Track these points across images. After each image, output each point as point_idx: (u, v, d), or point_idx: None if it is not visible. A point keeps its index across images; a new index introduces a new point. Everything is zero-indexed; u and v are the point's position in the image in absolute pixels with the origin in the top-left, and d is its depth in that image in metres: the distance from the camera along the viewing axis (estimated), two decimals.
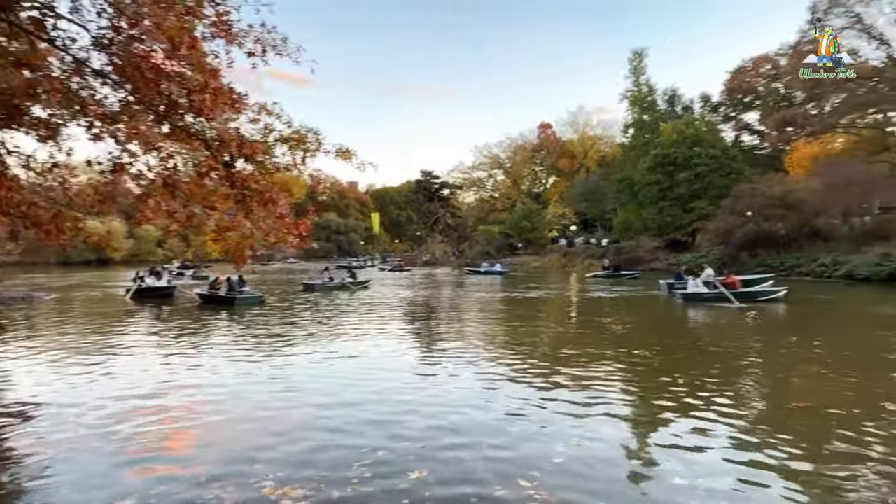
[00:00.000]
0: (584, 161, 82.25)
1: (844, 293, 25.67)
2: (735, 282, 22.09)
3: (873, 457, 6.01)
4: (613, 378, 9.81)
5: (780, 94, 56.66)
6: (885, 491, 5.20)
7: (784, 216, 36.34)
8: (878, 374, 10.13)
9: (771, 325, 16.97)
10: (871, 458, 5.96)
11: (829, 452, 6.18)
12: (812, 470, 5.73)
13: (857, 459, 5.95)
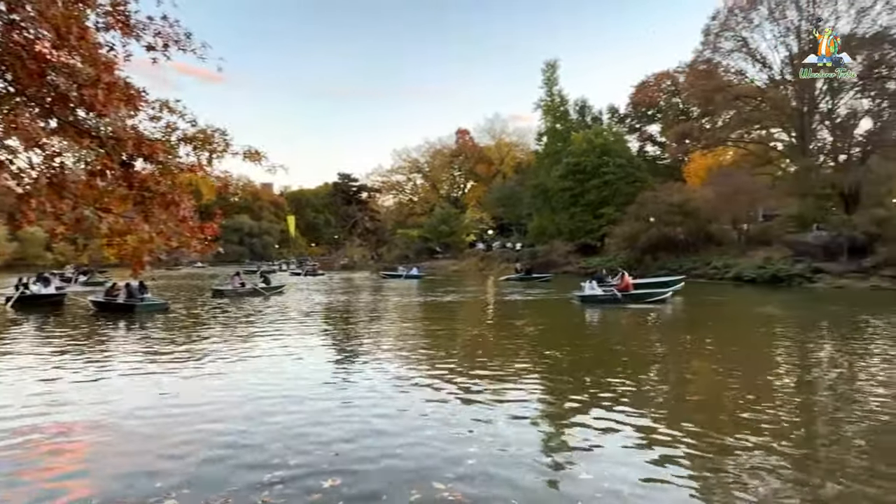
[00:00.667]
0: (500, 167, 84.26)
1: (733, 294, 27.94)
2: (628, 284, 23.57)
3: (759, 445, 6.56)
4: (526, 379, 10.08)
5: (679, 108, 60.99)
6: (771, 478, 5.69)
7: (682, 222, 39.05)
8: (760, 367, 11.10)
9: (669, 325, 18.16)
10: (757, 447, 6.51)
11: (722, 442, 6.68)
12: (708, 459, 6.18)
13: (746, 449, 6.47)
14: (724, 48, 47.22)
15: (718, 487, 5.50)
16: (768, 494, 5.27)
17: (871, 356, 11.94)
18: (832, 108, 43.25)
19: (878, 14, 38.92)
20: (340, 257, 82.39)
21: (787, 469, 5.86)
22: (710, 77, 48.17)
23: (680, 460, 6.16)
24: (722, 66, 48.72)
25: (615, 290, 22.83)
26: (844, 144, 42.74)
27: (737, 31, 45.60)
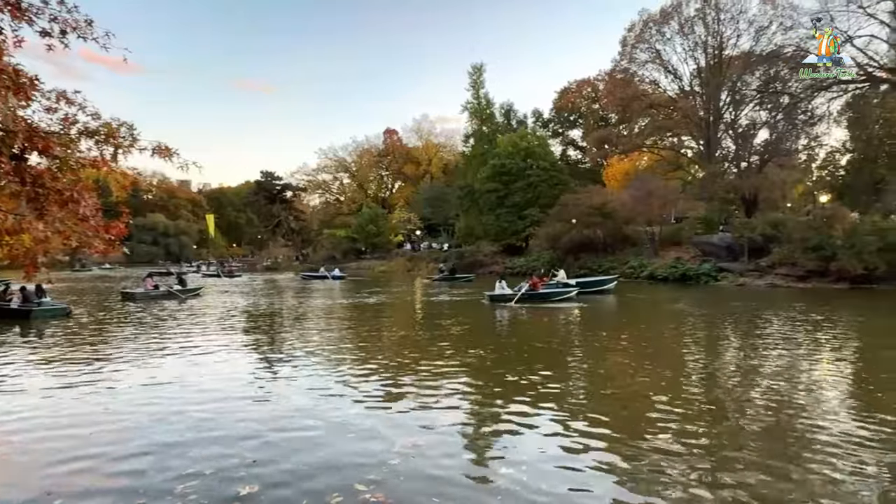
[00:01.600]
0: (428, 168, 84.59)
1: (648, 292, 29.44)
2: (537, 284, 24.40)
3: (668, 436, 6.92)
4: (450, 378, 10.13)
5: (599, 114, 63.77)
6: (681, 466, 6.01)
7: (602, 224, 40.73)
8: (672, 361, 11.74)
9: (589, 322, 18.86)
10: (666, 438, 6.86)
11: (636, 434, 6.98)
12: (623, 450, 6.42)
13: (659, 440, 6.80)
14: (639, 59, 49.84)
15: (634, 478, 5.72)
16: (685, 485, 5.57)
17: (768, 349, 12.93)
18: (735, 119, 46.65)
19: (773, 34, 42.38)
20: (264, 258, 79.75)
21: (697, 456, 6.21)
22: (626, 86, 50.66)
23: (596, 453, 6.38)
24: (638, 76, 51.40)
25: (524, 289, 23.47)
26: (745, 153, 46.20)
27: (651, 44, 48.23)
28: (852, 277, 27.25)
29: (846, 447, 6.41)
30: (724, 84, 44.74)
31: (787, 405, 8.26)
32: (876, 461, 6.04)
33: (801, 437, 6.83)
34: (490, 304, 23.53)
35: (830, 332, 15.27)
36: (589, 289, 26.96)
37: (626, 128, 55.14)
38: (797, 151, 50.10)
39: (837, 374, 10.51)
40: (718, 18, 44.63)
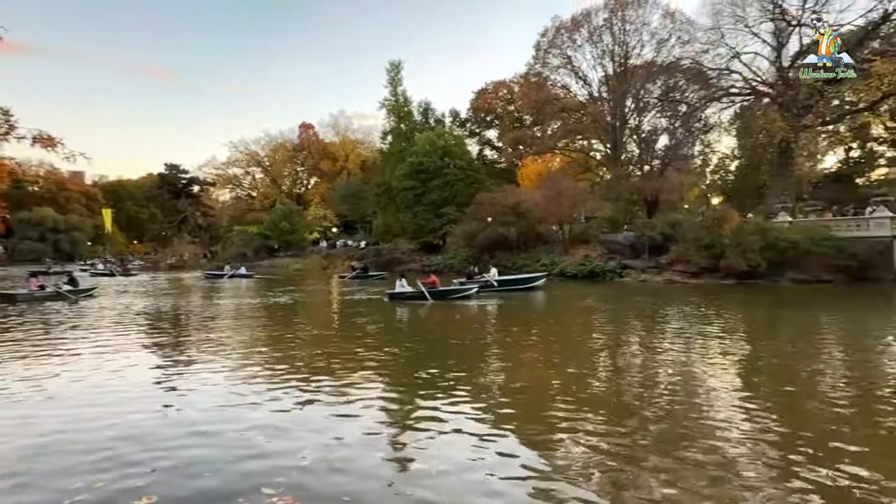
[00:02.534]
0: (345, 164, 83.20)
1: (558, 288, 30.51)
2: (434, 281, 24.60)
3: (577, 431, 7.17)
4: (363, 378, 9.98)
5: (515, 116, 65.33)
6: (588, 460, 6.23)
7: (516, 223, 41.80)
8: (577, 356, 12.21)
9: (499, 318, 19.29)
10: (576, 433, 7.11)
11: (546, 429, 7.19)
12: (534, 444, 6.61)
13: (569, 435, 7.03)
14: (552, 64, 51.62)
15: (547, 471, 5.87)
16: (601, 471, 5.77)
17: (666, 342, 13.78)
18: (638, 125, 49.45)
19: (672, 46, 45.40)
20: (168, 256, 75.21)
21: (605, 443, 6.48)
22: (540, 89, 52.34)
23: (507, 448, 6.51)
24: (550, 80, 53.23)
25: (423, 287, 23.67)
26: (648, 157, 49.14)
27: (563, 50, 50.08)
28: (738, 274, 29.66)
29: (731, 430, 6.94)
30: (628, 91, 47.28)
31: (684, 394, 8.82)
32: (756, 442, 6.56)
33: (699, 427, 7.30)
34: (390, 302, 23.54)
35: (719, 324, 16.51)
36: (520, 286, 27.91)
37: (540, 130, 56.95)
38: (693, 157, 54.04)
39: (724, 363, 11.36)
40: (624, 29, 47.10)
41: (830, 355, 11.98)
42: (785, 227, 31.20)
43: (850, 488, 5.27)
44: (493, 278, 28.37)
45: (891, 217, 29.52)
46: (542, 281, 29.30)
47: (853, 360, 11.35)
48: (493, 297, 25.04)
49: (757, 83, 40.11)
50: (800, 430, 6.93)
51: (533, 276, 29.97)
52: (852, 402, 8.20)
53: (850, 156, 55.11)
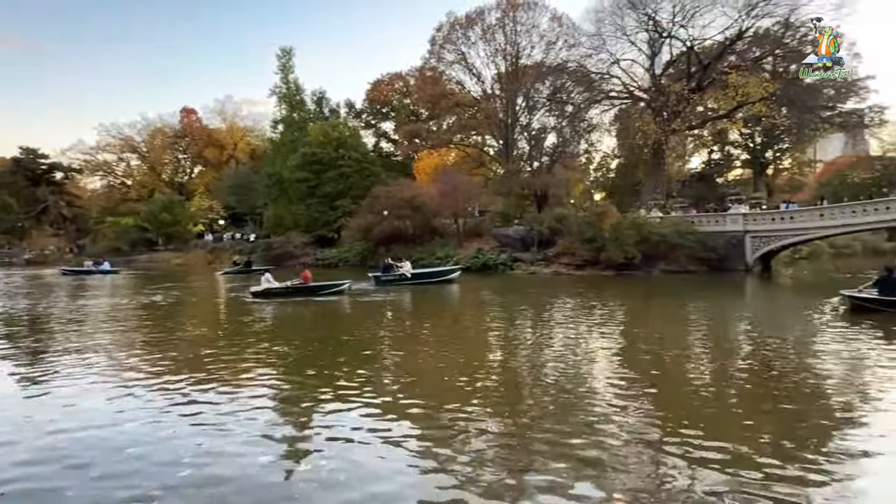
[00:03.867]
0: (233, 153, 78.93)
1: (453, 281, 30.93)
2: (307, 277, 23.84)
3: (467, 419, 7.28)
4: (251, 379, 9.55)
5: (411, 109, 65.37)
6: (493, 446, 6.34)
7: (412, 216, 41.93)
8: (470, 348, 12.49)
9: (394, 312, 19.27)
10: (477, 418, 7.22)
11: (435, 419, 7.25)
12: (428, 439, 6.62)
13: (463, 426, 7.11)
14: (447, 59, 52.23)
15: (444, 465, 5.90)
16: (493, 460, 5.88)
17: (554, 331, 14.49)
18: (529, 123, 51.55)
19: (559, 49, 47.64)
20: (26, 250, 67.25)
21: (496, 430, 6.64)
22: (435, 83, 52.83)
23: (403, 441, 6.54)
24: (446, 75, 53.87)
25: (297, 283, 23.09)
26: (537, 154, 51.39)
27: (457, 46, 50.83)
28: (617, 265, 31.90)
29: (612, 416, 7.41)
30: (520, 90, 49.07)
31: (571, 381, 9.30)
32: (632, 423, 7.06)
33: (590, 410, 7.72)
34: (254, 299, 22.32)
35: (601, 314, 17.65)
36: (434, 279, 28.40)
37: (436, 124, 57.54)
38: (579, 154, 57.28)
39: (605, 351, 12.15)
40: (515, 29, 48.70)
41: (695, 339, 13.27)
42: (657, 222, 33.97)
43: (708, 461, 5.82)
44: (407, 271, 28.44)
45: (743, 214, 33.12)
46: (457, 274, 29.72)
47: (713, 343, 12.66)
48: (401, 290, 25.04)
49: (634, 88, 43.23)
50: (668, 407, 7.59)
51: (447, 269, 30.41)
52: (711, 380, 9.14)
53: (711, 158, 61.25)
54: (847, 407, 7.72)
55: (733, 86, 36.63)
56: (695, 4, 37.68)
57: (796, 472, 5.56)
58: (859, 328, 13.58)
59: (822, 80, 44.72)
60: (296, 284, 22.84)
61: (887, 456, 6.00)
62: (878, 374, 9.42)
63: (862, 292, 16.40)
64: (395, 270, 28.41)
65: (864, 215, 30.23)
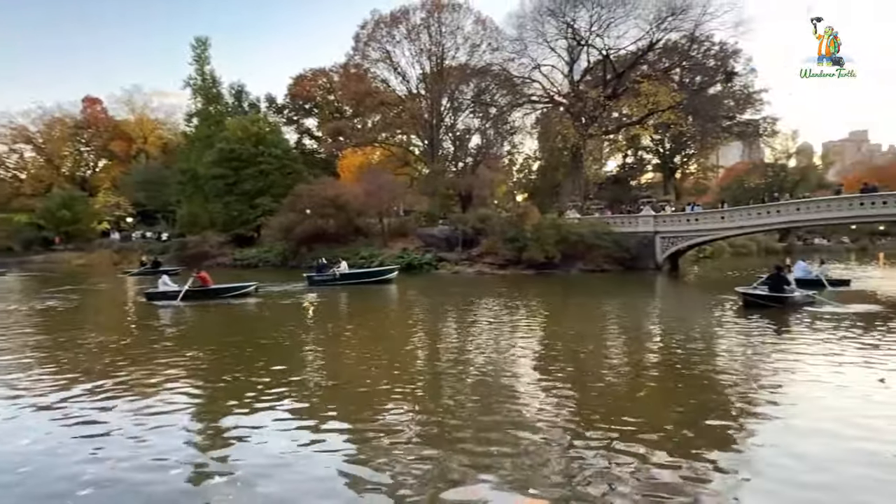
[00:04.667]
0: (143, 146, 74.33)
1: (391, 281, 30.58)
2: (204, 277, 22.11)
3: (395, 423, 7.20)
4: (163, 387, 8.98)
5: (335, 106, 64.18)
6: (414, 443, 6.26)
7: (335, 215, 41.21)
8: (395, 348, 12.38)
9: (315, 314, 18.83)
10: (393, 424, 7.13)
11: (357, 421, 7.10)
12: (345, 440, 6.45)
13: (386, 427, 7.01)
14: (371, 56, 51.81)
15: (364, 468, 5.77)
16: (414, 458, 5.81)
17: (478, 330, 14.66)
18: (454, 124, 52.09)
19: (483, 52, 48.45)
20: None
21: (419, 432, 6.59)
22: (360, 81, 52.22)
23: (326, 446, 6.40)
24: (371, 73, 53.40)
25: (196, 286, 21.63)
26: (462, 154, 52.08)
27: (382, 44, 50.53)
28: (538, 265, 32.85)
29: (532, 411, 7.57)
30: (444, 91, 49.46)
31: (493, 379, 9.40)
32: (550, 417, 7.25)
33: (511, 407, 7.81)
34: (148, 302, 21.03)
35: (522, 312, 18.04)
36: (371, 279, 27.94)
37: (360, 121, 56.87)
38: (502, 156, 58.60)
39: (525, 349, 12.42)
40: (440, 30, 49.03)
41: (610, 335, 13.88)
42: (575, 223, 35.30)
43: (621, 451, 6.09)
44: (342, 271, 27.89)
45: (653, 216, 35.08)
46: (394, 274, 29.34)
47: (626, 339, 13.32)
48: (334, 291, 24.53)
49: (554, 93, 44.68)
50: (585, 401, 7.89)
51: (385, 269, 29.98)
52: (625, 374, 9.61)
53: (626, 161, 64.56)
54: (742, 395, 8.37)
55: (645, 94, 38.75)
56: (610, 15, 39.50)
57: (699, 456, 5.97)
58: (752, 322, 14.73)
59: (723, 92, 48.51)
60: (194, 287, 21.64)
61: (779, 438, 6.55)
62: (768, 365, 10.25)
63: (756, 289, 17.82)
64: (330, 270, 27.83)
65: (759, 218, 32.88)
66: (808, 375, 9.38)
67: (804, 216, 31.93)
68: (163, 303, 20.63)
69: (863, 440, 6.40)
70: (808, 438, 6.53)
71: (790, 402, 7.95)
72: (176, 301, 20.56)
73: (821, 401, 8.00)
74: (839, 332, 12.95)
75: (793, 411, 7.54)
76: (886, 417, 7.22)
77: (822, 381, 9.01)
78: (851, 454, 6.05)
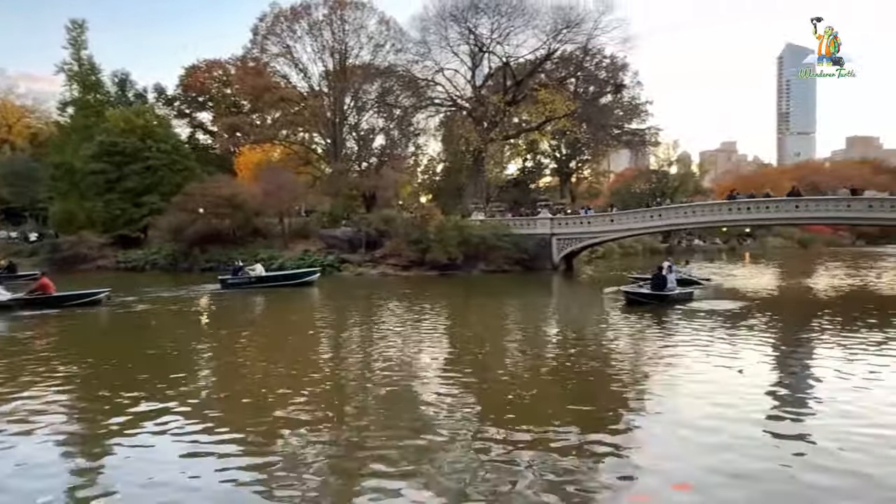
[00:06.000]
0: (8, 136, 66.65)
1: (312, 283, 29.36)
2: (46, 285, 20.20)
3: (289, 428, 6.94)
4: (33, 402, 8.22)
5: (231, 100, 60.99)
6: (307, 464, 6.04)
7: (231, 215, 39.26)
8: (295, 354, 12.00)
9: (211, 321, 17.88)
10: (291, 435, 6.86)
11: (253, 434, 6.84)
12: (242, 455, 6.20)
13: (283, 439, 6.73)
14: (271, 51, 49.95)
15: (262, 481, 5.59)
16: (314, 470, 5.62)
17: (382, 333, 14.59)
18: (357, 123, 51.43)
19: (387, 52, 48.27)
20: None
21: (321, 440, 6.41)
22: (259, 75, 50.12)
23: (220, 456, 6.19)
24: (270, 68, 51.41)
25: (36, 293, 19.92)
26: (366, 154, 51.55)
27: (282, 38, 48.81)
28: (441, 266, 33.26)
29: (434, 407, 7.62)
30: (348, 89, 48.67)
31: (396, 383, 9.47)
32: (456, 419, 7.33)
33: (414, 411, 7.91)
34: None
35: (426, 313, 18.28)
36: (290, 281, 27.01)
37: (259, 118, 54.67)
38: (407, 157, 58.69)
39: (430, 349, 12.63)
40: (344, 28, 48.16)
41: (510, 335, 14.48)
42: (477, 224, 36.10)
43: (522, 445, 6.29)
44: (258, 274, 26.93)
45: (550, 218, 36.68)
46: (315, 276, 28.39)
47: (525, 338, 13.93)
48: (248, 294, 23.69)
49: (457, 97, 45.48)
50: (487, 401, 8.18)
51: (304, 272, 28.96)
52: (524, 371, 10.08)
53: (525, 165, 67.01)
54: (627, 386, 9.14)
55: (543, 101, 40.49)
56: (510, 24, 40.90)
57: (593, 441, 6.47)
58: (635, 319, 15.90)
59: (613, 102, 51.80)
60: (33, 295, 19.71)
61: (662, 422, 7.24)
62: (648, 358, 11.18)
63: (642, 287, 19.19)
64: (246, 273, 26.53)
65: (644, 221, 35.45)
66: (681, 367, 10.34)
67: (682, 219, 34.88)
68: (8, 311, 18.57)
69: (726, 420, 7.27)
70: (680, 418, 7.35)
71: (667, 391, 8.91)
72: (16, 310, 18.56)
73: (692, 388, 8.93)
74: (707, 327, 14.35)
75: (669, 398, 8.46)
76: (745, 401, 8.14)
77: (692, 371, 9.99)
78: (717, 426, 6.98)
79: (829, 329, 14.16)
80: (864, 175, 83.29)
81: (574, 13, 40.04)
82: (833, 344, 12.43)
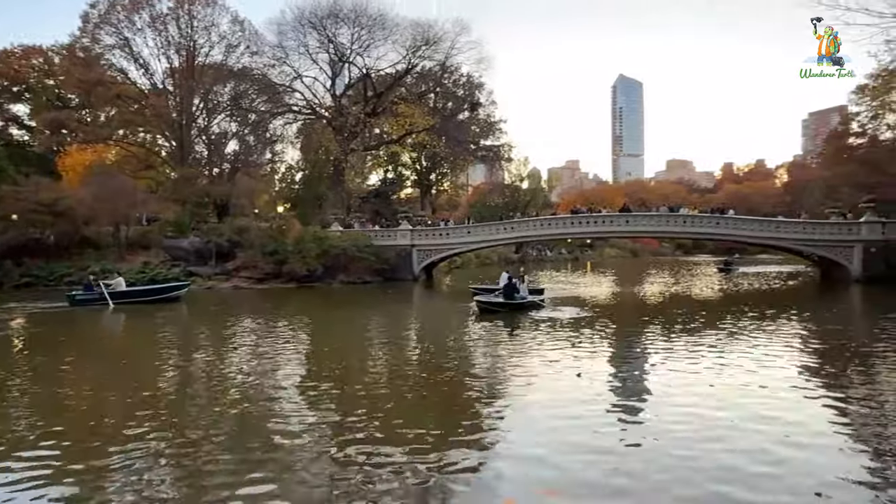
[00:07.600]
0: None
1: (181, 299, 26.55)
2: None
3: (135, 457, 6.22)
4: None
5: (56, 92, 53.85)
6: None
7: (54, 223, 34.64)
8: (125, 381, 10.84)
9: (45, 342, 15.62)
10: (133, 459, 6.15)
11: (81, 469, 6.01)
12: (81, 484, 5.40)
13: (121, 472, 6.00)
14: (104, 41, 44.93)
15: None
16: None
17: (239, 351, 13.77)
18: (208, 126, 48.04)
19: (241, 54, 45.86)
20: None
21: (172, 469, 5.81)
22: (89, 67, 44.79)
23: None
24: (104, 60, 46.24)
25: None
26: (218, 159, 48.37)
27: (119, 29, 44.18)
28: (299, 278, 32.27)
29: (296, 425, 7.31)
30: (197, 89, 45.37)
31: (255, 403, 9.05)
32: (314, 433, 7.11)
33: (275, 429, 7.57)
34: None
35: (283, 328, 17.59)
36: (154, 296, 24.62)
37: (90, 114, 48.94)
38: (264, 164, 56.07)
39: (290, 365, 12.19)
40: (192, 24, 44.85)
41: (371, 347, 14.49)
42: (337, 235, 35.61)
43: (385, 458, 6.29)
44: (115, 289, 24.00)
45: (411, 230, 37.33)
46: (184, 291, 26.19)
47: (386, 349, 14.06)
48: (101, 312, 20.52)
49: (316, 105, 44.63)
50: (350, 413, 8.15)
51: (172, 286, 26.28)
52: (386, 383, 10.23)
53: (387, 176, 67.50)
54: (483, 391, 9.67)
55: (403, 115, 41.28)
56: (370, 36, 41.13)
57: (453, 444, 6.79)
58: (488, 327, 16.79)
59: (470, 119, 54.24)
60: None
61: (517, 425, 7.78)
62: (500, 364, 11.89)
63: (499, 297, 20.23)
64: (101, 288, 23.30)
65: (498, 233, 37.54)
66: (530, 371, 11.13)
67: (532, 231, 37.55)
68: None
69: (570, 417, 8.01)
70: (529, 417, 8.09)
71: (520, 393, 9.62)
72: None
73: (539, 391, 9.67)
74: (552, 333, 15.53)
75: (521, 400, 9.17)
76: (586, 401, 8.97)
77: (540, 375, 10.81)
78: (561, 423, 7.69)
79: (657, 330, 16.16)
80: (681, 194, 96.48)
81: (432, 31, 41.47)
82: (660, 346, 14.11)
